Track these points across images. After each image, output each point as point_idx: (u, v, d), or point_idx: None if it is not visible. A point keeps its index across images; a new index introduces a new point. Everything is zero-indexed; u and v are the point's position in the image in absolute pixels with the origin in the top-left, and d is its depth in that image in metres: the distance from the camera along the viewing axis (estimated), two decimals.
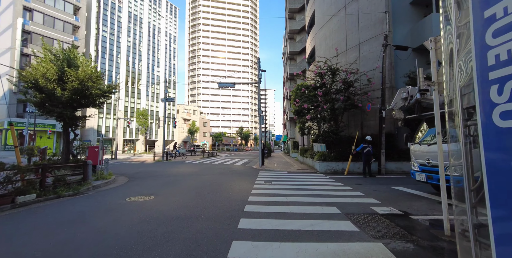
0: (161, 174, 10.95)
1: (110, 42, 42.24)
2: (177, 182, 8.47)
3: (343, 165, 11.26)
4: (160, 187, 7.46)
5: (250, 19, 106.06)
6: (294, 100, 14.88)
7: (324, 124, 12.74)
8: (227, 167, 13.97)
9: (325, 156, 11.57)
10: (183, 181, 8.54)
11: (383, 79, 10.85)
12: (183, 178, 9.34)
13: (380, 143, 10.67)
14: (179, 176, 10.15)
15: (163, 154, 19.45)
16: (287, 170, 12.51)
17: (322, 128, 12.63)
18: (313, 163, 12.85)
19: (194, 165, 15.49)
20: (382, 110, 10.64)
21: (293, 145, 28.04)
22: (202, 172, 11.63)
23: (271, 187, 7.22)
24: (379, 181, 8.50)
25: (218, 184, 7.73)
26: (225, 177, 9.76)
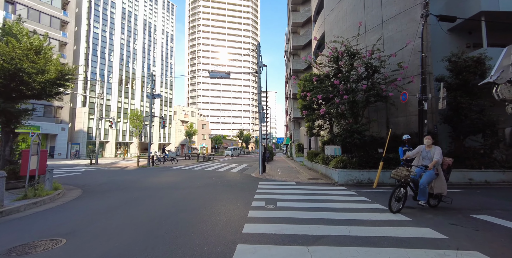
0: (130, 185, 8.29)
1: (102, 39, 39.97)
2: (139, 201, 5.80)
3: (369, 174, 8.56)
4: (107, 211, 4.81)
5: (251, 19, 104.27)
6: (302, 93, 12.25)
7: (341, 122, 10.06)
8: (219, 175, 11.28)
9: (345, 162, 8.88)
10: (148, 200, 5.87)
11: (422, 60, 8.20)
12: (152, 194, 6.67)
13: None
14: (150, 189, 7.48)
15: (149, 158, 16.82)
16: (295, 179, 9.81)
17: (339, 126, 9.95)
18: (329, 171, 10.14)
19: (180, 173, 12.82)
20: (423, 101, 7.96)
21: (298, 147, 25.32)
22: (184, 183, 8.95)
23: (277, 215, 4.53)
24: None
25: (194, 209, 5.04)
26: (210, 192, 7.08)
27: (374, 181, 8.43)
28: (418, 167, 4.86)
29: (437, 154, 4.68)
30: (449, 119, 9.23)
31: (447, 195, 4.97)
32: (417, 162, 5.07)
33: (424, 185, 4.63)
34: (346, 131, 8.89)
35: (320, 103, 11.72)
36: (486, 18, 9.63)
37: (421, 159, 5.00)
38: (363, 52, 9.87)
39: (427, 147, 4.97)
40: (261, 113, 12.29)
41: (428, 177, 4.66)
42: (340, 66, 10.03)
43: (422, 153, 5.00)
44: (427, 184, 4.64)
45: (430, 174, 4.67)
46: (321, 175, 11.23)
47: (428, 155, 4.88)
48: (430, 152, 4.85)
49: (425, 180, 4.64)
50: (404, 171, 4.67)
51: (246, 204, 5.42)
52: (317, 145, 18.99)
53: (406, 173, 4.60)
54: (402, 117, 10.20)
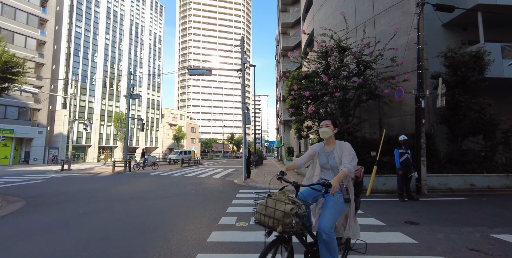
0: (89, 196, 7.08)
1: (85, 39, 38.37)
2: (84, 218, 4.65)
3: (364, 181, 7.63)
4: (32, 233, 3.66)
5: (243, 23, 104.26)
6: (289, 92, 11.36)
7: None
8: (197, 182, 10.17)
9: None
10: (97, 216, 4.73)
11: (419, 53, 7.43)
12: (109, 207, 5.52)
13: (418, 148, 7.14)
14: (110, 200, 6.32)
15: (125, 163, 15.50)
16: (280, 186, 8.79)
17: None
18: None
19: (156, 179, 11.61)
20: (421, 98, 7.16)
21: (288, 151, 24.43)
22: (154, 192, 7.81)
23: (245, 238, 3.52)
24: (439, 212, 4.88)
25: (145, 230, 3.95)
26: (178, 204, 5.99)
27: (366, 187, 7.53)
28: (312, 187, 2.20)
29: (348, 156, 2.20)
30: (447, 119, 8.50)
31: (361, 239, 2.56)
32: (309, 176, 2.52)
33: (329, 232, 1.97)
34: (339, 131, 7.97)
35: (309, 103, 10.85)
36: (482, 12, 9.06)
37: (316, 170, 2.45)
38: (353, 47, 9.09)
39: (326, 145, 2.42)
40: (244, 113, 11.32)
41: (334, 211, 2.09)
42: (329, 62, 9.20)
43: (319, 157, 2.42)
44: (333, 227, 2.03)
45: (336, 203, 2.12)
46: None
47: (330, 161, 2.32)
48: (333, 154, 2.31)
49: (330, 219, 2.04)
50: (282, 200, 1.90)
51: (213, 220, 4.37)
52: (306, 147, 18.14)
53: (289, 208, 1.79)
54: (396, 117, 9.42)
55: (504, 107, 9.10)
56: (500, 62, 8.87)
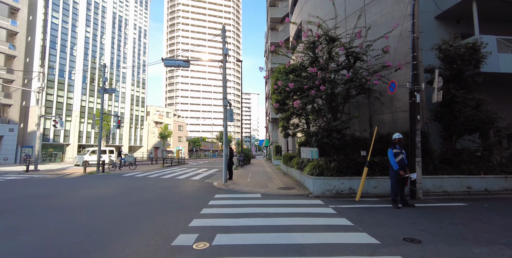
0: (33, 204, 5.98)
1: (63, 31, 36.11)
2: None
3: (350, 183, 6.90)
4: None
5: (233, 20, 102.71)
6: (274, 86, 10.52)
7: (318, 119, 8.40)
8: (171, 186, 9.17)
9: (321, 167, 7.18)
10: (14, 234, 3.70)
11: (414, 43, 6.71)
12: (44, 220, 4.49)
13: (413, 147, 6.45)
14: (54, 210, 5.26)
15: (98, 164, 14.22)
16: (263, 189, 7.96)
17: (315, 124, 8.26)
18: (303, 178, 8.41)
19: (128, 181, 10.51)
20: (416, 92, 6.46)
21: (276, 150, 23.67)
22: (116, 198, 6.78)
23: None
24: (440, 224, 4.15)
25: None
26: (136, 214, 5.02)
27: (356, 191, 6.80)
28: None
29: None
30: (441, 117, 7.88)
31: None
32: None
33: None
34: (323, 130, 7.20)
35: (295, 98, 10.04)
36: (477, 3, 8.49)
37: None
38: (342, 37, 8.32)
39: None
40: (226, 109, 10.38)
41: None
42: (317, 54, 8.41)
43: None
44: None
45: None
46: (296, 182, 9.49)
47: None
48: None
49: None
50: None
51: (167, 240, 3.44)
52: (294, 146, 17.41)
53: None
54: (388, 114, 8.75)
55: (503, 103, 8.60)
56: (496, 57, 8.35)
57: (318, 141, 7.21)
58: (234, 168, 16.95)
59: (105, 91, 15.42)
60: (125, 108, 45.60)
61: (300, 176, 8.94)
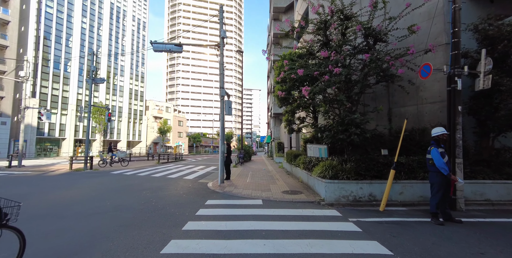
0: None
1: (58, 21, 34.78)
2: None
3: (371, 188, 5.70)
4: None
5: (235, 14, 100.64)
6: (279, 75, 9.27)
7: (329, 112, 7.12)
8: (159, 187, 8.01)
9: (335, 169, 5.97)
10: None
11: (454, 16, 5.41)
12: None
13: (453, 146, 5.21)
14: None
15: (86, 159, 13.10)
16: (264, 193, 6.79)
17: (327, 116, 7.00)
18: (312, 181, 7.20)
19: (113, 180, 9.38)
20: (456, 77, 5.19)
21: (278, 146, 22.49)
22: (87, 203, 5.63)
23: None
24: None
25: None
26: (95, 230, 3.86)
27: (377, 198, 5.61)
28: None
29: None
30: (477, 110, 6.61)
31: None
32: None
33: None
34: (338, 123, 5.96)
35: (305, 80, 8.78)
36: None
37: None
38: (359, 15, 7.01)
39: None
40: (223, 101, 9.17)
41: None
42: (329, 36, 7.13)
43: None
44: None
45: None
46: (302, 184, 8.30)
47: None
48: None
49: None
50: None
51: None
52: (298, 143, 16.20)
53: None
54: (411, 106, 7.48)
55: None
56: None
57: (331, 137, 5.98)
58: (233, 165, 15.81)
59: (94, 81, 14.23)
60: (123, 102, 44.47)
61: (307, 178, 7.74)
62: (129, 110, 45.52)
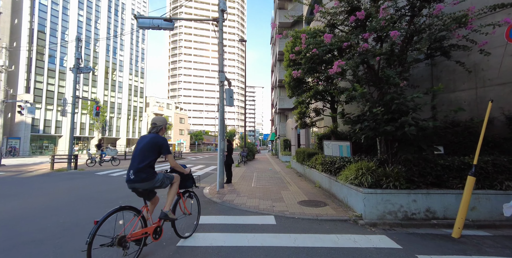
0: None
1: (53, 14, 33.34)
2: None
3: (428, 201, 4.03)
4: None
5: (237, 9, 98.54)
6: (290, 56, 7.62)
7: (365, 97, 5.38)
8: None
9: (376, 173, 4.31)
10: None
11: None
12: None
13: None
14: None
15: (70, 158, 11.61)
16: (276, 204, 5.17)
17: (364, 101, 5.29)
18: (338, 188, 5.51)
19: (93, 183, 7.83)
20: None
21: (284, 144, 20.85)
22: (37, 219, 4.07)
23: None
24: None
25: None
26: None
27: (437, 215, 3.97)
28: None
29: None
30: None
31: None
32: None
33: None
34: (384, 110, 4.23)
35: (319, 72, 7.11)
36: None
37: None
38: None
39: None
40: (222, 87, 7.54)
41: None
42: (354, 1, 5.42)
43: None
44: None
45: None
46: (321, 190, 6.64)
47: None
48: None
49: None
50: None
51: None
52: (308, 140, 14.53)
53: None
54: (467, 90, 5.74)
55: None
56: None
57: (371, 129, 4.29)
58: (236, 165, 14.20)
59: (79, 71, 12.68)
60: (123, 98, 43.09)
61: (329, 183, 6.08)
62: (129, 107, 44.15)
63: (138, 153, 2.61)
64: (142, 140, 2.72)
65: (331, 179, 5.94)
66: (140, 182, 2.53)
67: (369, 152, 7.05)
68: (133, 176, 2.50)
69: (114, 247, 2.22)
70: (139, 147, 2.65)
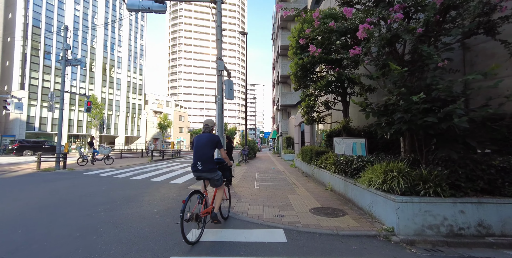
0: None
1: (48, 8, 32.40)
2: None
3: (480, 212, 3.18)
4: None
5: (238, 6, 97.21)
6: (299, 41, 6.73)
7: (399, 82, 4.44)
8: (129, 198, 5.61)
9: (409, 176, 3.45)
10: None
11: None
12: None
13: None
14: None
15: (57, 157, 10.80)
16: (284, 213, 4.33)
17: (395, 89, 4.40)
18: (357, 193, 4.65)
19: (75, 185, 7.01)
20: None
21: (287, 142, 20.00)
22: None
23: None
24: None
25: None
26: None
27: (493, 231, 3.11)
28: None
29: None
30: None
31: None
32: None
33: None
34: (424, 97, 3.33)
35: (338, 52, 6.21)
36: None
37: None
38: None
39: None
40: (221, 77, 6.70)
41: None
42: None
43: None
44: None
45: None
46: (334, 194, 5.80)
47: None
48: None
49: None
50: None
51: None
52: (313, 138, 13.68)
53: None
54: (510, 77, 4.85)
55: None
56: None
57: (407, 122, 3.41)
58: (236, 164, 13.38)
59: (68, 63, 11.82)
60: (121, 96, 42.26)
61: (346, 186, 5.22)
62: (127, 104, 43.33)
63: (200, 148, 3.22)
64: (201, 138, 3.31)
65: (347, 182, 5.09)
66: (206, 172, 3.18)
67: (388, 150, 6.20)
68: (201, 166, 3.13)
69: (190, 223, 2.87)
70: (200, 143, 3.24)
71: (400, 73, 3.50)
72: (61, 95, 11.63)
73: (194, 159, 3.21)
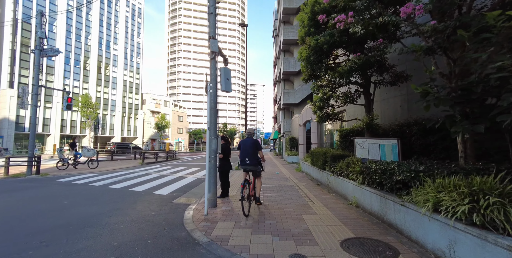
0: None
1: (39, 3, 31.05)
2: None
3: None
4: None
5: (237, 5, 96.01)
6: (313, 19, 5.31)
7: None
8: (91, 219, 4.23)
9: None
10: None
11: None
12: None
13: None
14: None
15: (30, 161, 9.39)
16: (302, 250, 2.91)
17: (455, 79, 3.00)
18: (427, 229, 3.22)
19: (33, 199, 5.60)
20: None
21: (290, 142, 18.57)
22: None
23: None
24: None
25: None
26: None
27: None
28: None
29: None
30: None
31: None
32: None
33: None
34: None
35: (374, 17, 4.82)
36: None
37: None
38: None
39: None
40: (215, 62, 5.34)
41: None
42: None
43: None
44: None
45: None
46: (363, 212, 4.38)
47: None
48: None
49: None
50: None
51: None
52: (321, 138, 12.27)
53: None
54: None
55: None
56: None
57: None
58: (235, 167, 11.92)
59: (43, 53, 10.47)
60: (117, 95, 40.88)
61: (385, 206, 3.79)
62: (123, 103, 41.95)
63: (247, 148, 4.62)
64: (246, 141, 4.75)
65: (387, 199, 3.67)
66: (252, 166, 4.54)
67: (428, 154, 4.82)
68: (249, 161, 4.52)
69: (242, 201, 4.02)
70: (247, 145, 4.65)
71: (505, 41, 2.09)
72: (35, 90, 10.25)
73: (242, 156, 4.59)
